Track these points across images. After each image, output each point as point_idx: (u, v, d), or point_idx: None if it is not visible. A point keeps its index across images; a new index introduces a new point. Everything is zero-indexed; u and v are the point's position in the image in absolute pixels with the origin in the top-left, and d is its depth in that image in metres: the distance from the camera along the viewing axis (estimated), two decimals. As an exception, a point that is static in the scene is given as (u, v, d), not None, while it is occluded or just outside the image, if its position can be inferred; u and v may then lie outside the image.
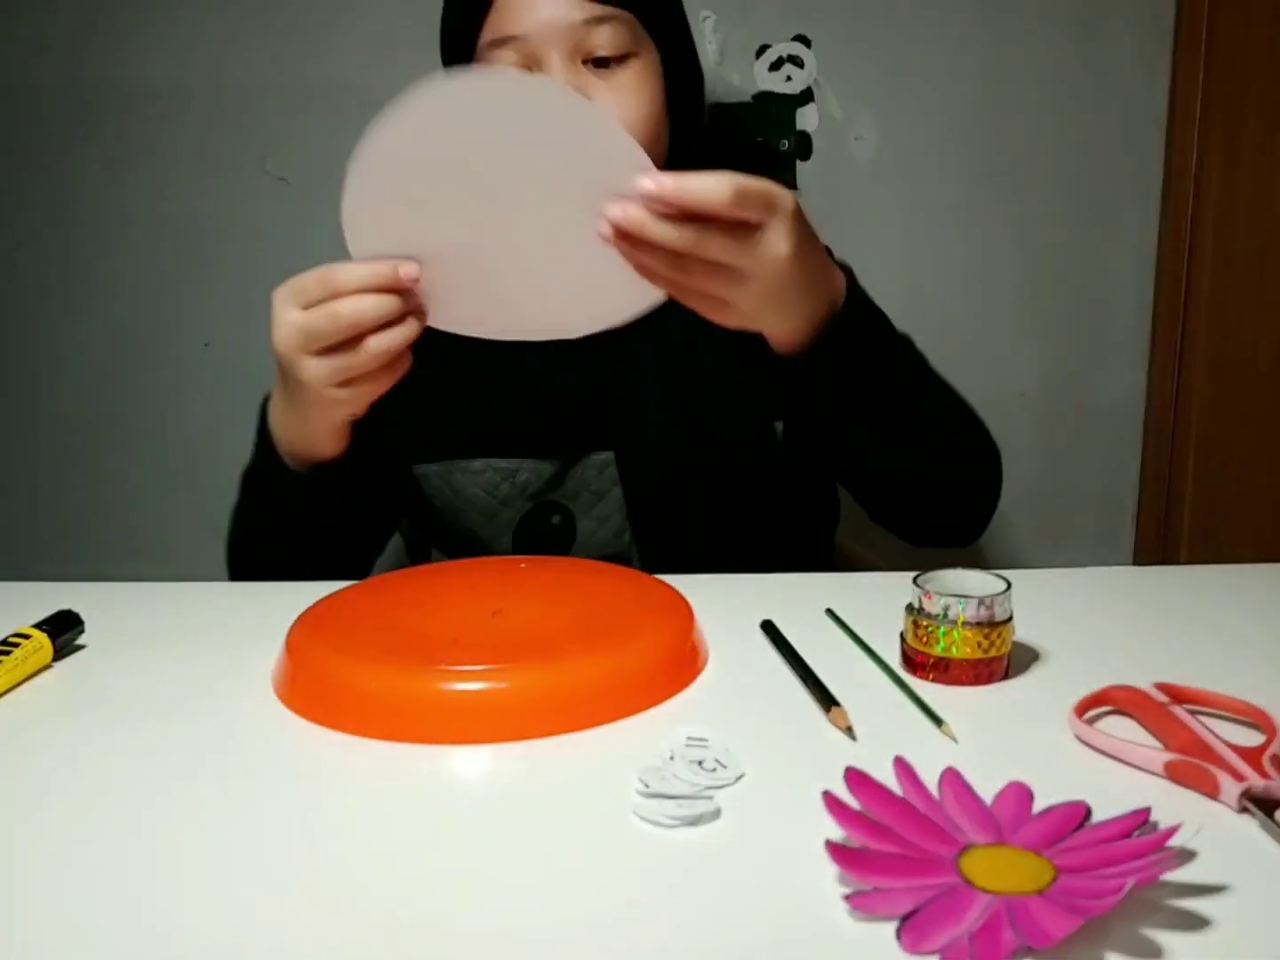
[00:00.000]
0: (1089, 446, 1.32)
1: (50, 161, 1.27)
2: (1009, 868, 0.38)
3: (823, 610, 0.65)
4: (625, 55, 0.76)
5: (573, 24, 0.74)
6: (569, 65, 0.75)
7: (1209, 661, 0.57)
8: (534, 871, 0.41)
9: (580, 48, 0.75)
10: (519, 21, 0.74)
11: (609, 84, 0.76)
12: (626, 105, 0.76)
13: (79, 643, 0.64)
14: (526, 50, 0.75)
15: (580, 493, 0.82)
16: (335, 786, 0.47)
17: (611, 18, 0.75)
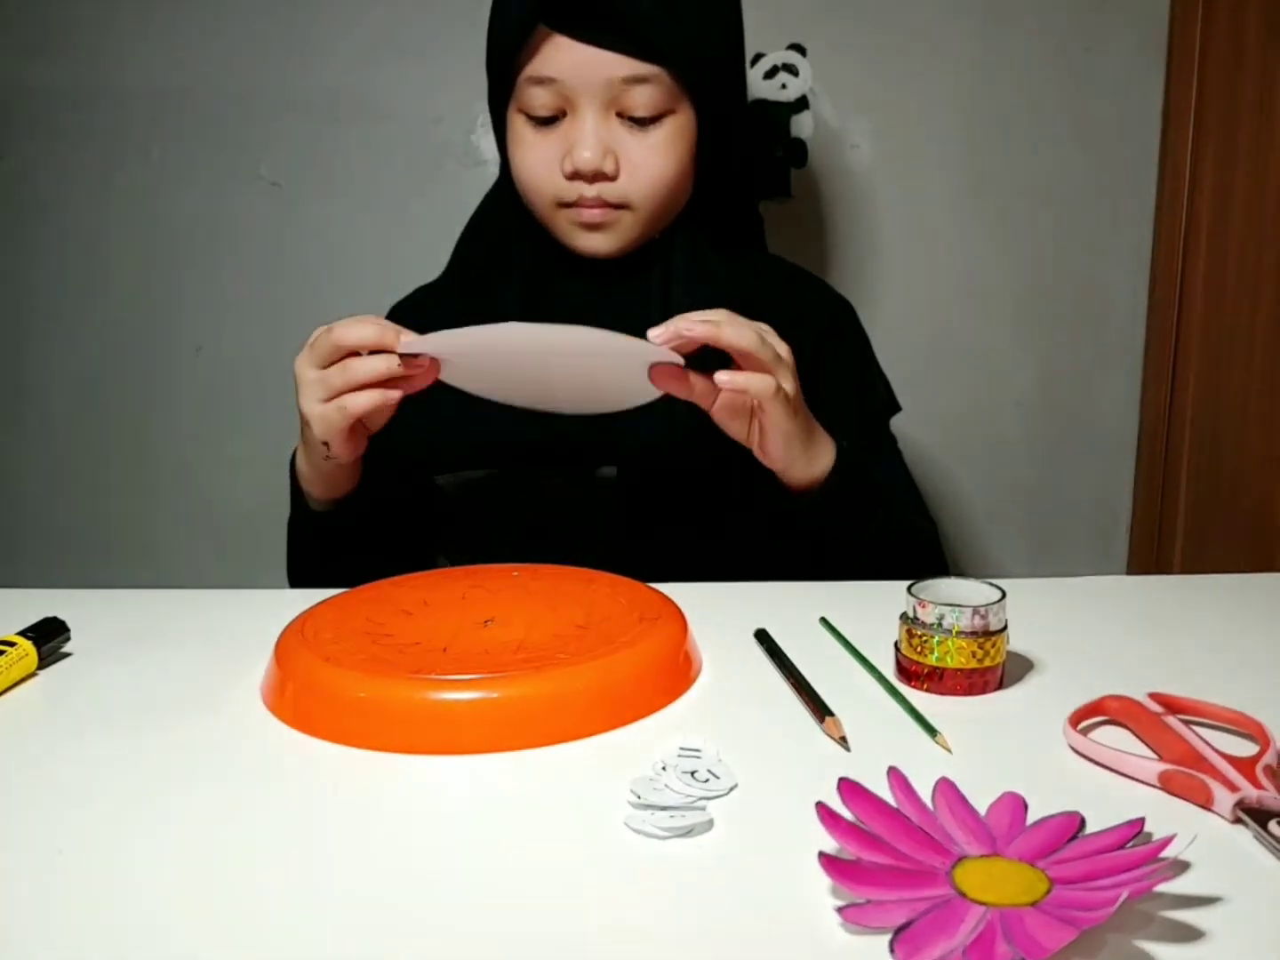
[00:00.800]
0: (1083, 455, 1.32)
1: (40, 164, 1.26)
2: (1003, 879, 0.37)
3: (816, 619, 0.65)
4: (661, 114, 0.77)
5: (611, 81, 0.75)
6: (602, 116, 0.77)
7: (1203, 672, 0.57)
8: (525, 883, 0.40)
9: (616, 102, 0.76)
10: (559, 66, 0.75)
11: (640, 142, 0.77)
12: (654, 164, 0.78)
13: (65, 650, 0.63)
14: (562, 94, 0.76)
15: (587, 506, 0.82)
16: (323, 797, 0.47)
17: (651, 78, 0.75)
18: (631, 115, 0.77)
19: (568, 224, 0.80)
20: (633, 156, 0.77)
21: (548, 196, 0.79)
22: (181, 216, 1.27)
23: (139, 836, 0.43)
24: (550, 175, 0.79)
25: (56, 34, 1.23)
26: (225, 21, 1.22)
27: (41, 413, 1.33)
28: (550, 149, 0.78)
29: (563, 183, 0.78)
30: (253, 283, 1.29)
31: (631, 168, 0.78)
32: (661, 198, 0.79)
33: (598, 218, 0.79)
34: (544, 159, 0.79)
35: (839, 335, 0.87)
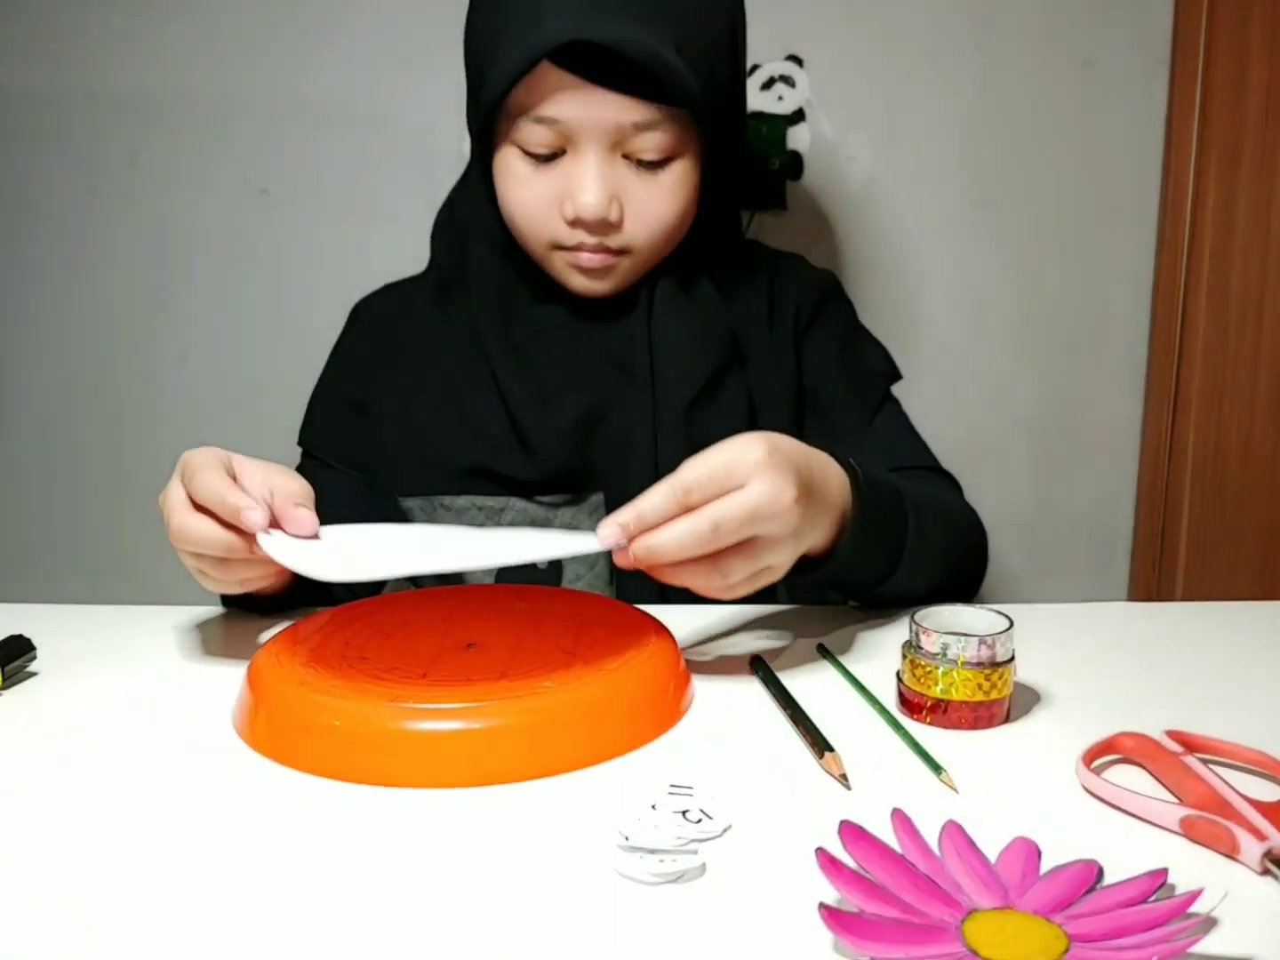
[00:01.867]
0: (1084, 475, 1.30)
1: (27, 171, 1.24)
2: (1017, 936, 0.35)
3: (814, 646, 0.63)
4: (669, 157, 0.71)
5: (621, 125, 0.69)
6: (607, 158, 0.70)
7: (1219, 706, 0.55)
8: (504, 931, 0.37)
9: (623, 144, 0.70)
10: (564, 108, 0.68)
11: (647, 185, 0.72)
12: (660, 209, 0.72)
13: (30, 669, 0.60)
14: (564, 134, 0.69)
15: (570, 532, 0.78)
16: (294, 831, 0.44)
17: (663, 121, 0.69)
18: (639, 158, 0.71)
19: (563, 265, 0.74)
20: (638, 201, 0.72)
21: (544, 237, 0.73)
22: (167, 223, 1.24)
23: (102, 867, 0.41)
24: (547, 217, 0.72)
25: (42, 39, 1.21)
26: (213, 27, 1.20)
27: (22, 422, 1.30)
28: (548, 188, 0.71)
29: (561, 227, 0.72)
30: (239, 291, 1.26)
31: (636, 213, 0.72)
32: (666, 241, 0.75)
33: (597, 263, 0.73)
34: (541, 198, 0.72)
35: (821, 303, 0.83)
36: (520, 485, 0.76)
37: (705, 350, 0.77)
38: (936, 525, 0.68)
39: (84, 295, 1.27)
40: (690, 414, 0.75)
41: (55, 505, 1.31)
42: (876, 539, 0.63)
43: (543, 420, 0.75)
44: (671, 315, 0.77)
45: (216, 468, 0.57)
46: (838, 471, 0.61)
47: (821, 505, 0.58)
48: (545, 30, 0.66)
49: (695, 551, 0.52)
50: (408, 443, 0.79)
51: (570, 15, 0.65)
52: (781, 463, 0.54)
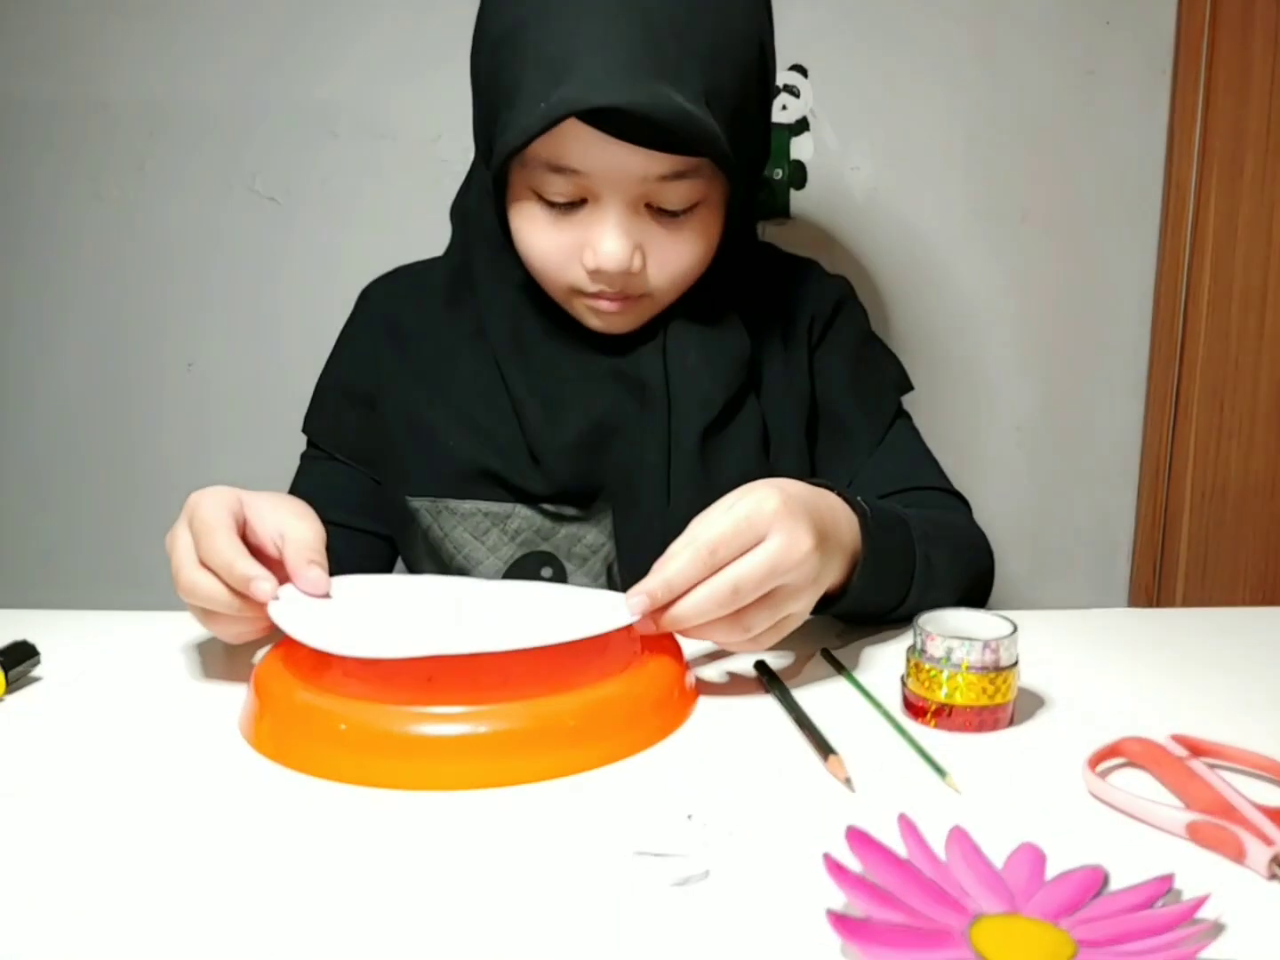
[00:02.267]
0: (1085, 482, 1.30)
1: (35, 178, 1.24)
2: (1024, 941, 0.35)
3: (819, 651, 0.63)
4: (694, 205, 0.69)
5: (646, 178, 0.66)
6: (631, 210, 0.67)
7: (1222, 711, 0.55)
8: (510, 932, 0.37)
9: (646, 195, 0.67)
10: (587, 160, 0.65)
11: (670, 234, 0.69)
12: (684, 257, 0.70)
13: (34, 675, 0.60)
14: (585, 186, 0.67)
15: (573, 546, 0.77)
16: (300, 835, 0.44)
17: (690, 172, 0.66)
18: (663, 209, 0.68)
19: (583, 309, 0.73)
20: (660, 250, 0.69)
21: (562, 283, 0.71)
22: (174, 230, 1.25)
23: (106, 871, 0.41)
24: (566, 264, 0.70)
25: (49, 46, 1.21)
26: (220, 35, 1.20)
27: (28, 428, 1.30)
28: (567, 237, 0.69)
29: (582, 274, 0.69)
30: (246, 298, 1.26)
31: (659, 262, 0.70)
32: (688, 283, 0.73)
33: (617, 309, 0.71)
34: (561, 247, 0.69)
35: (833, 316, 0.82)
36: (527, 494, 0.76)
37: (724, 377, 0.75)
38: (944, 554, 0.68)
39: (91, 302, 1.27)
40: (706, 439, 0.74)
41: (60, 511, 1.32)
42: (886, 573, 0.63)
43: (550, 432, 0.74)
44: (690, 340, 0.75)
45: (225, 527, 0.56)
46: (846, 511, 0.61)
47: (835, 547, 0.58)
48: (570, 90, 0.62)
49: (718, 614, 0.53)
50: (414, 440, 0.78)
51: (596, 76, 0.62)
52: (796, 510, 0.54)
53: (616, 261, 0.68)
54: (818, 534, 0.55)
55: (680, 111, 0.62)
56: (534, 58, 0.64)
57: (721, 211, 0.71)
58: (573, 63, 0.63)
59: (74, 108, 1.22)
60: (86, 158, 1.24)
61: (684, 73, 0.63)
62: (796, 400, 0.79)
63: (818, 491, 0.60)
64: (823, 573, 0.56)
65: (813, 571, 0.55)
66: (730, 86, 0.66)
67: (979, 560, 0.75)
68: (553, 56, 0.63)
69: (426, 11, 1.18)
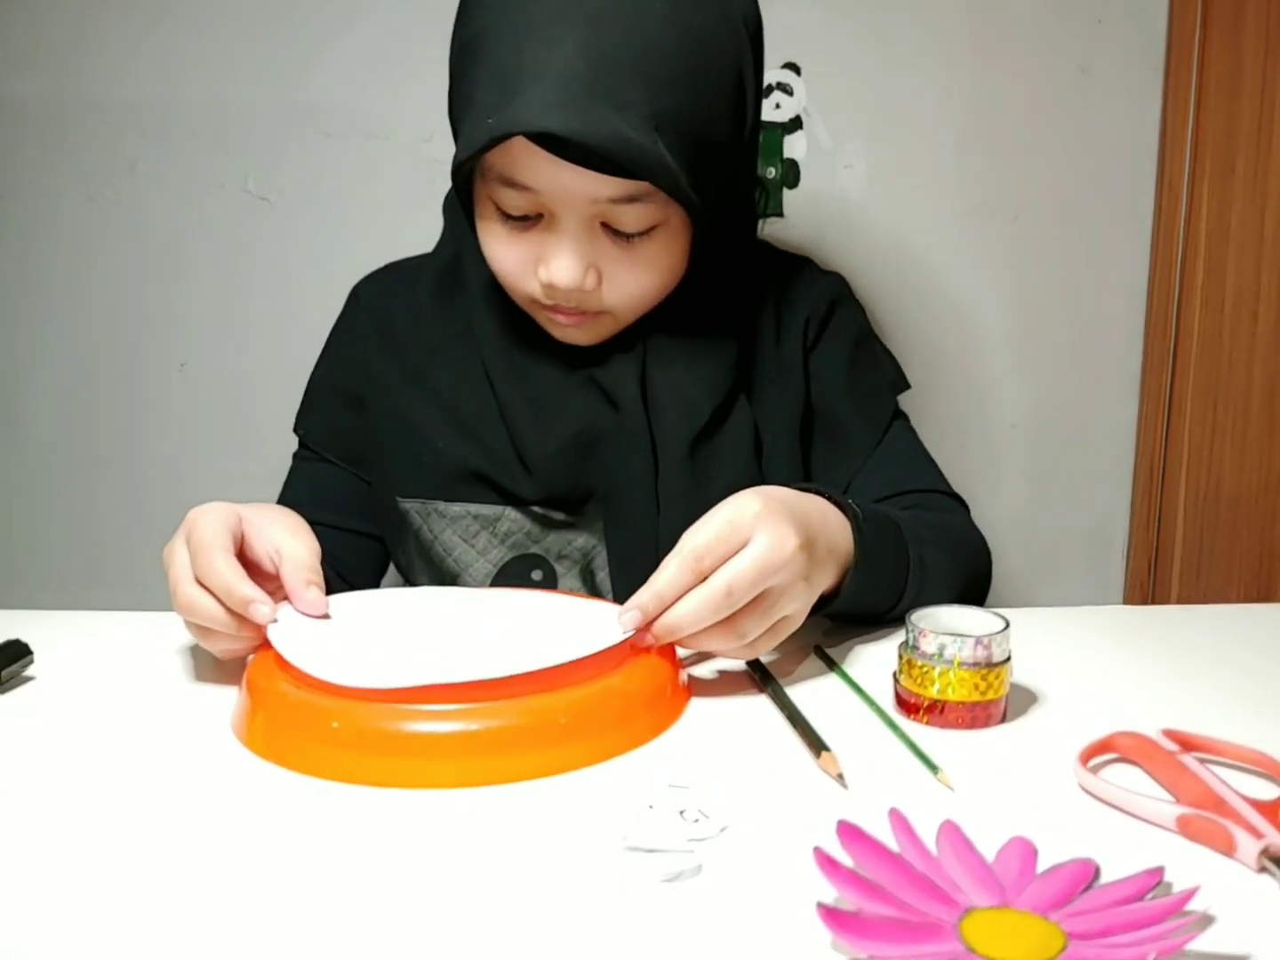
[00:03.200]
0: (1079, 481, 1.31)
1: (27, 178, 1.24)
2: (1015, 933, 0.35)
3: (811, 647, 0.63)
4: (651, 227, 0.68)
5: (596, 200, 0.65)
6: (585, 230, 0.67)
7: (1214, 706, 0.55)
8: (502, 929, 0.37)
9: (601, 215, 0.67)
10: (537, 178, 0.65)
11: (626, 255, 0.68)
12: (639, 280, 0.70)
13: (27, 674, 0.60)
14: (539, 202, 0.66)
15: (563, 549, 0.76)
16: (293, 833, 0.44)
17: (643, 196, 0.65)
18: (619, 230, 0.67)
19: (544, 318, 0.73)
20: (617, 272, 0.69)
21: (522, 294, 0.72)
22: (167, 230, 1.25)
23: (100, 871, 0.41)
24: (524, 276, 0.70)
25: (41, 47, 1.21)
26: (213, 35, 1.20)
27: (21, 428, 1.30)
28: (523, 250, 0.69)
29: (538, 287, 0.69)
30: (238, 299, 1.26)
31: (615, 283, 0.69)
32: (647, 304, 0.72)
33: (575, 323, 0.71)
34: (518, 259, 0.70)
35: (829, 315, 0.81)
36: (516, 497, 0.75)
37: (711, 384, 0.74)
38: (939, 554, 0.68)
39: (83, 302, 1.27)
40: (695, 448, 0.74)
41: (52, 511, 1.31)
42: (880, 574, 0.64)
43: (537, 438, 0.74)
44: (674, 349, 0.74)
45: (223, 548, 0.55)
46: (836, 514, 0.61)
47: (824, 547, 0.58)
48: (514, 112, 0.62)
49: (713, 619, 0.53)
50: (404, 442, 0.77)
51: (542, 97, 0.61)
52: (778, 511, 0.55)
53: (567, 280, 0.67)
54: (803, 533, 0.55)
55: (620, 138, 0.61)
56: (487, 70, 0.64)
57: (685, 235, 0.70)
58: (519, 80, 0.62)
59: (66, 108, 1.22)
60: (78, 158, 1.23)
61: (632, 99, 0.62)
62: (790, 402, 0.79)
63: (804, 495, 0.60)
64: (814, 572, 0.56)
65: (802, 569, 0.55)
66: (691, 113, 0.64)
67: (975, 561, 0.75)
68: (504, 72, 0.63)
69: (418, 11, 1.17)
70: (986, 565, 0.76)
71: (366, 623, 0.58)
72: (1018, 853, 0.40)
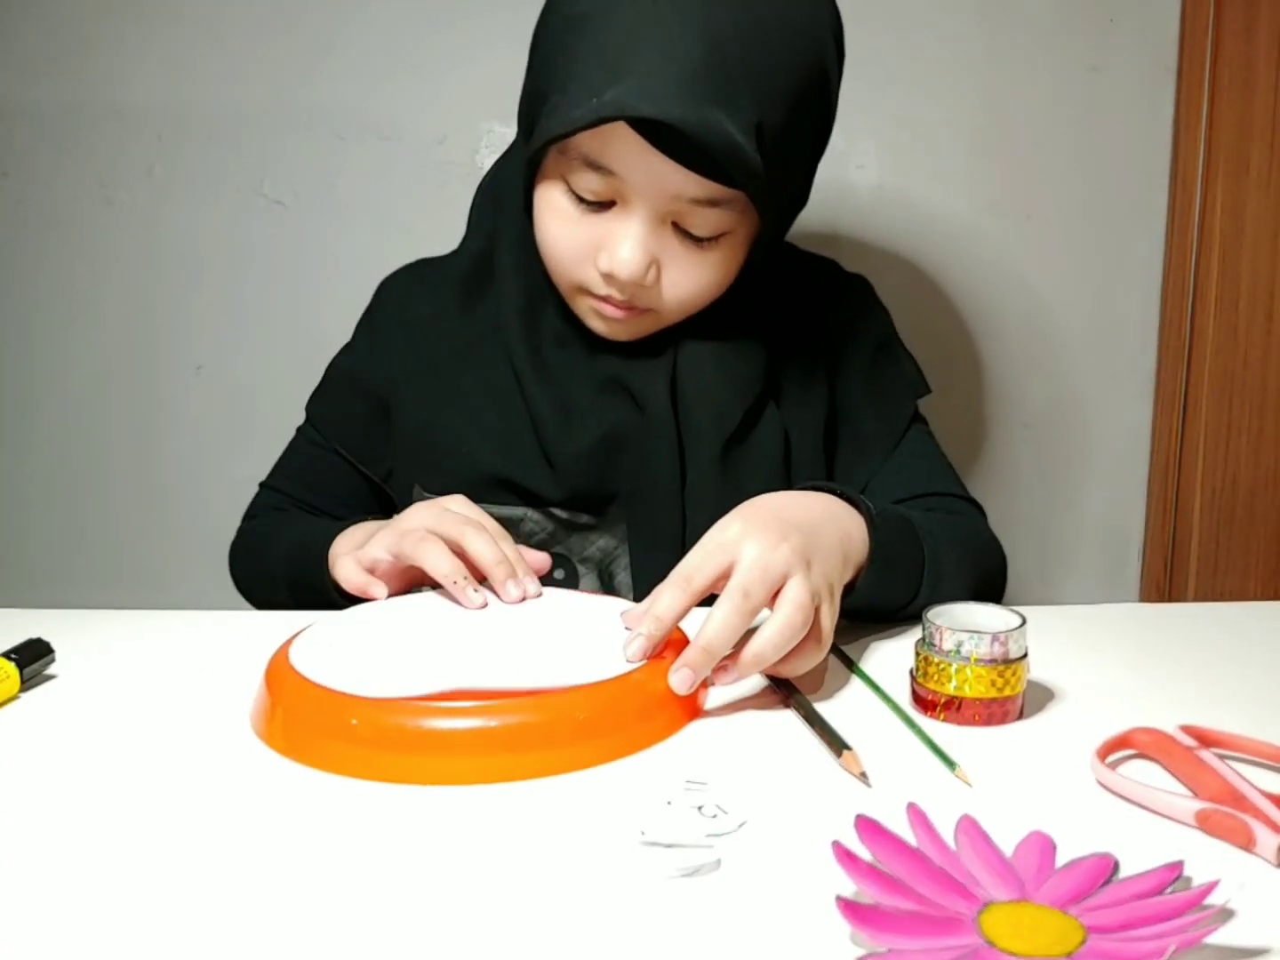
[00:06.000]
0: (1094, 479, 1.30)
1: (42, 181, 1.25)
2: (1034, 927, 0.35)
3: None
4: (720, 234, 0.68)
5: (679, 197, 0.65)
6: (657, 223, 0.67)
7: (1232, 703, 0.55)
8: (521, 925, 0.38)
9: (675, 214, 0.67)
10: (627, 164, 0.64)
11: (689, 257, 0.69)
12: (699, 282, 0.70)
13: (49, 673, 0.61)
14: (618, 189, 0.66)
15: (586, 549, 0.77)
16: (313, 830, 0.44)
17: (726, 202, 0.66)
18: (688, 231, 0.68)
19: (587, 309, 0.72)
20: (677, 271, 0.69)
21: (573, 279, 0.71)
22: (183, 234, 1.26)
23: (120, 867, 0.41)
24: (580, 262, 0.69)
25: (59, 52, 1.22)
26: (228, 39, 1.21)
27: (39, 430, 1.31)
28: (587, 234, 0.68)
29: (593, 274, 0.69)
30: (253, 301, 1.27)
31: (672, 281, 0.69)
32: (696, 308, 0.72)
33: (620, 316, 0.71)
34: (578, 242, 0.69)
35: (851, 319, 0.82)
36: (540, 498, 0.75)
37: (741, 389, 0.74)
38: (952, 551, 0.68)
39: (100, 305, 1.28)
40: (726, 451, 0.74)
41: (73, 511, 1.32)
42: (896, 568, 0.63)
43: (565, 439, 0.74)
44: (704, 355, 0.74)
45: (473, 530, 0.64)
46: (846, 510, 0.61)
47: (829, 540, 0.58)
48: (624, 93, 0.61)
49: (741, 624, 0.52)
50: (427, 444, 0.77)
51: (653, 84, 0.61)
52: (760, 523, 0.55)
53: (631, 270, 0.67)
54: (792, 534, 0.54)
55: (729, 141, 0.62)
56: (595, 50, 0.63)
57: (746, 246, 0.71)
58: (632, 65, 0.62)
59: (83, 113, 1.23)
60: (95, 163, 1.24)
61: (740, 101, 0.62)
62: (815, 404, 0.79)
63: (803, 495, 0.60)
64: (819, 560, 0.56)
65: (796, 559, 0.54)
66: (783, 123, 0.65)
67: (989, 560, 0.75)
68: (614, 54, 0.62)
69: (431, 15, 1.18)
70: (1001, 566, 0.76)
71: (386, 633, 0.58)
72: (1036, 847, 0.40)
